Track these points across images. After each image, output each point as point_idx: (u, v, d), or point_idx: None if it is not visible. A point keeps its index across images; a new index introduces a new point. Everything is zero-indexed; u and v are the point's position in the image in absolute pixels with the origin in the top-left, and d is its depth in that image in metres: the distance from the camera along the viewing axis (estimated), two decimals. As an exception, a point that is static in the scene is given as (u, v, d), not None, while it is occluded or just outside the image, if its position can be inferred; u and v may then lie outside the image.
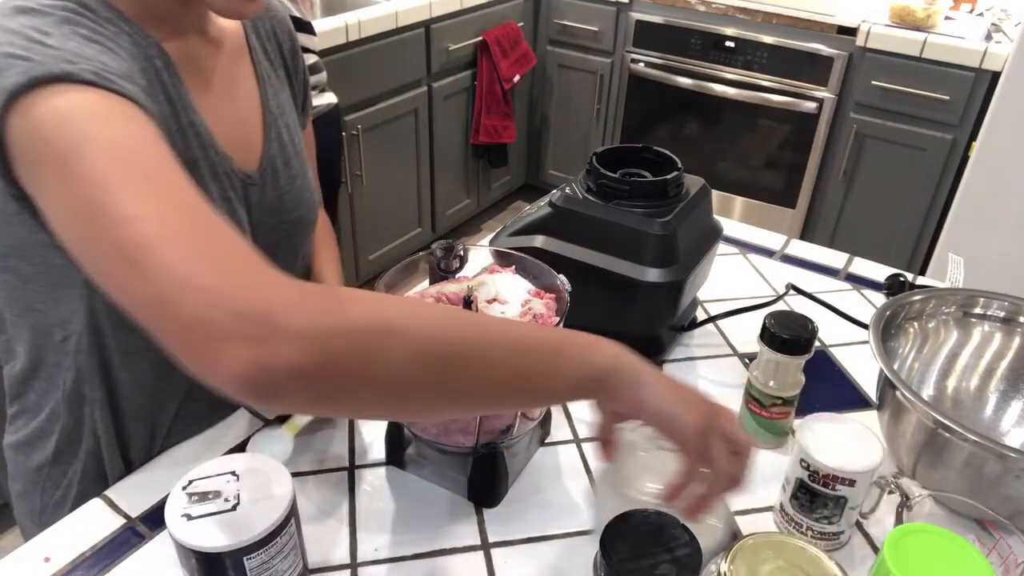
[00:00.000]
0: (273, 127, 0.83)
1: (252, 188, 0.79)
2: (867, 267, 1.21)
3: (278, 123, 0.84)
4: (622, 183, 0.89)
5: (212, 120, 0.74)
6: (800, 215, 2.65)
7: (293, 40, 0.90)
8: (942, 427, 0.70)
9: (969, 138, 2.25)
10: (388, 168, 2.47)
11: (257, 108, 0.82)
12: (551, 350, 0.56)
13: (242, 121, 0.80)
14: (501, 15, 2.72)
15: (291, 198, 0.84)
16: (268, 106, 0.83)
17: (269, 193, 0.82)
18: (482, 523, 0.75)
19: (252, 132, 0.81)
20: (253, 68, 0.82)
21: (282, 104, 0.86)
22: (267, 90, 0.83)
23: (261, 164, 0.81)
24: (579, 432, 0.87)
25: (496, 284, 0.75)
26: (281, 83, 0.87)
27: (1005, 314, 0.87)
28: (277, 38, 0.87)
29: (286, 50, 0.89)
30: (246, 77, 0.82)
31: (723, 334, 1.04)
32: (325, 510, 0.76)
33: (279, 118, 0.84)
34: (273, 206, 0.82)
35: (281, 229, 0.84)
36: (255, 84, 0.82)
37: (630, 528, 0.62)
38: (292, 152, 0.85)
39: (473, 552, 0.72)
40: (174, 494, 0.61)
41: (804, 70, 2.46)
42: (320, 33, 2.00)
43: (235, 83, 0.80)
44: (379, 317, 0.48)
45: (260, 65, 0.83)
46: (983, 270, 1.68)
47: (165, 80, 0.69)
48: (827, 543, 0.72)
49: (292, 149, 0.85)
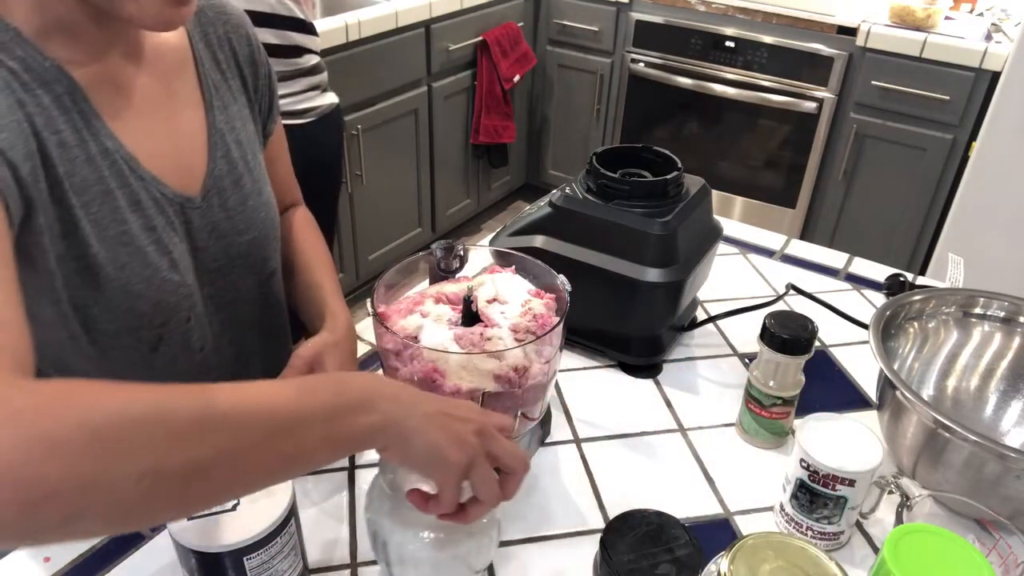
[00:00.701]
0: (219, 145, 0.78)
1: (193, 212, 0.75)
2: (867, 267, 1.21)
3: (226, 139, 0.79)
4: (622, 183, 0.89)
5: (138, 144, 0.70)
6: (800, 215, 2.65)
7: (252, 45, 0.85)
8: (942, 427, 0.70)
9: (969, 138, 2.25)
10: (388, 168, 2.47)
11: (201, 126, 0.77)
12: (311, 422, 0.50)
13: (180, 142, 0.75)
14: (501, 15, 2.72)
15: (243, 219, 0.80)
16: (214, 122, 0.78)
17: (216, 215, 0.78)
18: (482, 523, 0.75)
19: (194, 152, 0.77)
20: (199, 81, 0.78)
21: (232, 118, 0.81)
22: (214, 105, 0.78)
23: (205, 185, 0.77)
24: (579, 432, 0.87)
25: (496, 284, 0.75)
26: (234, 94, 0.82)
27: (1005, 314, 0.87)
28: (231, 44, 0.82)
29: (242, 57, 0.83)
30: (188, 92, 0.77)
31: (723, 334, 1.04)
32: (325, 510, 0.76)
33: (227, 134, 0.79)
34: (222, 228, 0.78)
35: (233, 251, 0.81)
36: (200, 99, 0.78)
37: (630, 528, 0.62)
38: (243, 169, 0.81)
39: (473, 552, 0.72)
40: (174, 494, 0.61)
41: (804, 70, 2.46)
42: (320, 33, 1.99)
43: (172, 100, 0.75)
44: (92, 434, 0.39)
45: (207, 78, 0.79)
46: (983, 270, 1.68)
47: (68, 106, 0.64)
48: (827, 543, 0.72)
49: (243, 166, 0.81)
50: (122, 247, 0.68)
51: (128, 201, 0.69)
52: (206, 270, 0.79)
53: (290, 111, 1.59)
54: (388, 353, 0.70)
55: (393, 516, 0.60)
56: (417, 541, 0.60)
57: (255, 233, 0.82)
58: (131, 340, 0.72)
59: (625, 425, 0.88)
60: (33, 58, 0.63)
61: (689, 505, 0.78)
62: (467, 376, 0.66)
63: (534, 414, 0.75)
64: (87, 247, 0.66)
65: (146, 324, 0.72)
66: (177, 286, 0.74)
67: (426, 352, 0.67)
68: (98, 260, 0.67)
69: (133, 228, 0.69)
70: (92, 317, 0.69)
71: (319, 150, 1.71)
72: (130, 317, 0.71)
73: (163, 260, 0.72)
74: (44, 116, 0.63)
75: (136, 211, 0.70)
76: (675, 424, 0.89)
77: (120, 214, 0.68)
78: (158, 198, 0.72)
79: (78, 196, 0.65)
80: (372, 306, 0.73)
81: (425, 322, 0.71)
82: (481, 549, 0.63)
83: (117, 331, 0.71)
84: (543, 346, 0.70)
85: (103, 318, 0.69)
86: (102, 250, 0.67)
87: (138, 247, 0.70)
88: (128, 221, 0.69)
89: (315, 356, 0.78)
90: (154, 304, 0.72)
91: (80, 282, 0.67)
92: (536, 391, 0.71)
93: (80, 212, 0.65)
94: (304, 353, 0.77)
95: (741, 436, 0.87)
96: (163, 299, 0.72)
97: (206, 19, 0.80)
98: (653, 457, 0.84)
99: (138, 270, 0.70)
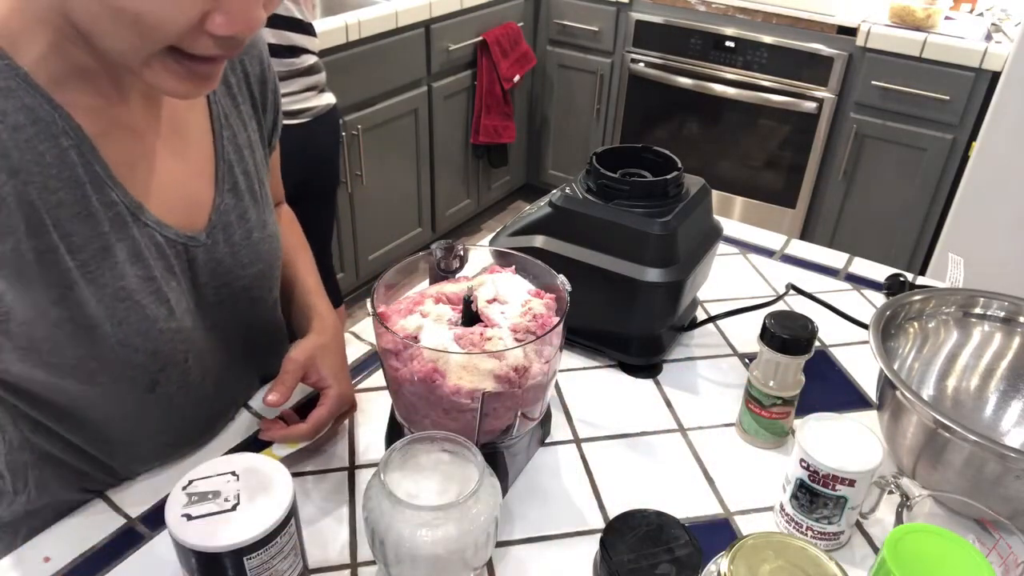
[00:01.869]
0: (227, 178, 0.77)
1: (197, 249, 0.74)
2: (867, 267, 1.21)
3: (234, 171, 0.77)
4: (622, 183, 0.89)
5: (146, 188, 0.68)
6: (800, 215, 2.65)
7: (263, 64, 0.82)
8: (942, 427, 0.70)
9: (969, 138, 2.25)
10: (388, 168, 2.47)
11: (209, 159, 0.76)
12: None
13: (189, 179, 0.74)
14: (501, 15, 2.72)
15: (247, 253, 0.79)
16: (222, 154, 0.76)
17: (221, 251, 0.76)
18: (482, 523, 0.75)
19: (201, 188, 0.75)
20: (209, 111, 0.76)
21: (241, 148, 0.79)
22: (223, 136, 0.77)
23: (210, 221, 0.75)
24: (579, 432, 0.87)
25: (496, 284, 0.75)
26: (243, 120, 0.80)
27: (1005, 314, 0.87)
28: (244, 66, 0.80)
29: (254, 78, 0.81)
30: (198, 123, 0.75)
31: (723, 334, 1.04)
32: (325, 510, 0.76)
33: (235, 165, 0.78)
34: (226, 264, 0.77)
35: (237, 284, 0.79)
36: (209, 129, 0.76)
37: (630, 528, 0.62)
38: (249, 201, 0.79)
39: (473, 552, 0.72)
40: (174, 494, 0.61)
41: (804, 70, 2.46)
42: (320, 33, 2.00)
43: (183, 135, 0.73)
44: None
45: (218, 107, 0.77)
46: (983, 270, 1.68)
47: (72, 161, 0.62)
48: (827, 543, 0.72)
49: (250, 198, 0.79)
50: (119, 303, 0.67)
51: (128, 254, 0.67)
52: (207, 304, 0.77)
53: (287, 111, 1.59)
54: (388, 353, 0.70)
55: (391, 515, 0.60)
56: (415, 539, 0.60)
57: (260, 266, 0.81)
58: (126, 386, 0.71)
59: (625, 425, 0.88)
60: (41, 107, 0.60)
61: (689, 505, 0.78)
62: (467, 376, 0.66)
63: (534, 414, 0.75)
64: (84, 307, 0.64)
65: (141, 372, 0.71)
66: (174, 334, 0.72)
67: (426, 352, 0.67)
68: (95, 320, 0.65)
69: (131, 282, 0.67)
70: (87, 372, 0.68)
71: (317, 150, 1.71)
72: (126, 368, 0.70)
73: (161, 310, 0.70)
74: (43, 176, 0.60)
75: (136, 263, 0.68)
76: (675, 424, 0.89)
77: (119, 269, 0.66)
78: (160, 243, 0.70)
79: (74, 257, 0.63)
80: (372, 306, 0.73)
81: (425, 322, 0.71)
82: (479, 547, 0.63)
83: (113, 380, 0.70)
84: (543, 346, 0.70)
85: (100, 371, 0.68)
86: (100, 308, 0.65)
87: (136, 301, 0.68)
88: (126, 276, 0.67)
89: (308, 359, 0.78)
90: (151, 354, 0.71)
91: (75, 343, 0.65)
92: (536, 391, 0.71)
93: (77, 274, 0.63)
94: (298, 357, 0.78)
95: (741, 436, 0.87)
96: (159, 348, 0.71)
97: None
98: (653, 457, 0.84)
99: (135, 324, 0.68)
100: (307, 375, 0.79)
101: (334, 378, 0.80)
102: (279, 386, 0.75)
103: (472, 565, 0.64)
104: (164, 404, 0.75)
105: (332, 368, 0.80)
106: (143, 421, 0.76)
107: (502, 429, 0.72)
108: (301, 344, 0.80)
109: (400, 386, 0.70)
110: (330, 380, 0.79)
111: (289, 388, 0.76)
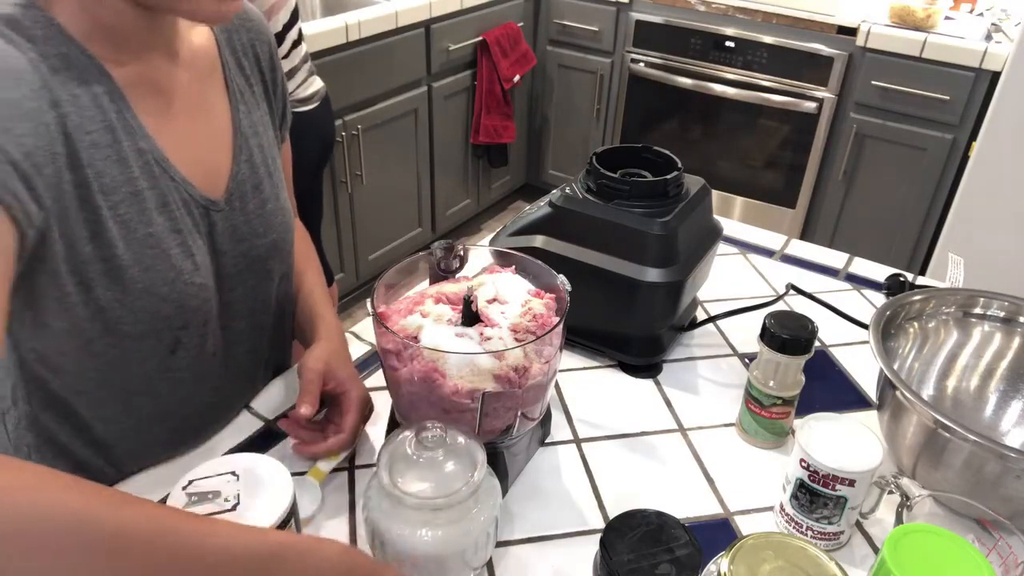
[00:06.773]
0: (243, 149, 0.79)
1: (216, 214, 0.76)
2: (867, 267, 1.21)
3: (249, 143, 0.80)
4: (622, 183, 0.89)
5: (171, 145, 0.71)
6: (800, 215, 2.65)
7: (272, 52, 0.86)
8: (942, 427, 0.70)
9: (969, 138, 2.25)
10: (388, 168, 2.47)
11: (227, 129, 0.79)
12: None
13: (209, 144, 0.77)
14: (501, 15, 2.72)
15: (261, 222, 0.81)
16: (239, 127, 0.79)
17: (236, 219, 0.79)
18: (482, 523, 0.75)
19: (220, 156, 0.78)
20: (226, 86, 0.79)
21: (255, 123, 0.82)
22: (239, 109, 0.80)
23: (228, 189, 0.78)
24: (579, 432, 0.87)
25: (496, 284, 0.75)
26: (257, 100, 0.83)
27: (1005, 314, 0.87)
28: (255, 50, 0.83)
29: (264, 63, 0.85)
30: (217, 97, 0.78)
31: (723, 334, 1.04)
32: (325, 510, 0.76)
33: (251, 138, 0.81)
34: (242, 232, 0.79)
35: (252, 254, 0.81)
36: (227, 104, 0.79)
37: (630, 528, 0.62)
38: (264, 174, 0.82)
39: (473, 552, 0.72)
40: (174, 494, 0.61)
41: (804, 70, 2.46)
42: (320, 33, 2.01)
43: (204, 104, 0.76)
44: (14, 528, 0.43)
45: (233, 83, 0.80)
46: (983, 270, 1.68)
47: (105, 106, 0.65)
48: (827, 543, 0.72)
49: (264, 171, 0.82)
50: (148, 249, 0.69)
51: (156, 202, 0.70)
52: (226, 275, 0.79)
53: (303, 98, 1.61)
54: (388, 353, 0.70)
55: (391, 515, 0.60)
56: (415, 540, 0.60)
57: (273, 236, 0.83)
58: (151, 342, 0.73)
59: (625, 425, 0.88)
60: (76, 55, 0.63)
61: (689, 505, 0.78)
62: (467, 376, 0.66)
63: (534, 414, 0.75)
64: (114, 248, 0.67)
65: (167, 326, 0.73)
66: (199, 289, 0.74)
67: (426, 352, 0.67)
68: (124, 262, 0.67)
69: (160, 230, 0.70)
70: (115, 319, 0.69)
71: (328, 129, 1.75)
72: (153, 319, 0.71)
73: (187, 263, 0.73)
74: (79, 116, 0.63)
75: (163, 213, 0.71)
76: (675, 424, 0.89)
77: (148, 216, 0.69)
78: (186, 199, 0.73)
79: (106, 197, 0.66)
80: (372, 306, 0.73)
81: (425, 322, 0.71)
82: (479, 547, 0.63)
83: (138, 333, 0.71)
84: (543, 346, 0.70)
85: (126, 320, 0.70)
86: (128, 252, 0.68)
87: (164, 249, 0.70)
88: (155, 223, 0.70)
89: (325, 367, 0.79)
90: (177, 306, 0.72)
91: (106, 284, 0.67)
92: (536, 391, 0.71)
93: (107, 213, 0.66)
94: (315, 366, 0.79)
95: (741, 436, 0.87)
96: (185, 302, 0.73)
97: (231, 26, 0.81)
98: (653, 457, 0.84)
99: (163, 272, 0.70)
100: (324, 382, 0.79)
101: (352, 382, 0.81)
102: (307, 396, 0.76)
103: (472, 565, 0.64)
104: (179, 375, 0.77)
105: (348, 372, 0.81)
106: (155, 398, 0.77)
107: (502, 429, 0.72)
108: (314, 353, 0.81)
109: (400, 386, 0.70)
110: (349, 384, 0.80)
111: (316, 397, 0.76)
